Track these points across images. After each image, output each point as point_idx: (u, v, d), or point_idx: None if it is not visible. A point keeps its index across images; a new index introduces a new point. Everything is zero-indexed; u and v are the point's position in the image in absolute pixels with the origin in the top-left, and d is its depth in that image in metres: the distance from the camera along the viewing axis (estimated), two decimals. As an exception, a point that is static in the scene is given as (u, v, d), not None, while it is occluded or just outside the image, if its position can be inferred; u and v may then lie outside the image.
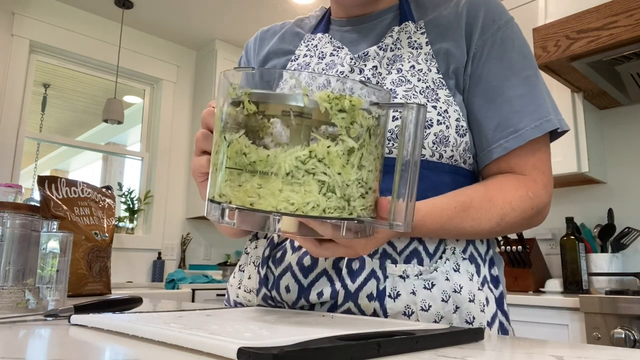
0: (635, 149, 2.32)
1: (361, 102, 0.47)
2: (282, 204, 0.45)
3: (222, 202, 0.48)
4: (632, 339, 1.58)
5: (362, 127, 0.47)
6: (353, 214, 0.47)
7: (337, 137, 0.46)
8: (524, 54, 0.74)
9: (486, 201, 0.66)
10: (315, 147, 0.46)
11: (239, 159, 0.47)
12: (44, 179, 1.31)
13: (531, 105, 0.70)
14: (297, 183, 0.45)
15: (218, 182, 0.49)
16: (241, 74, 0.51)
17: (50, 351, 0.44)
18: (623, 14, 1.77)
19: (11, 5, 3.21)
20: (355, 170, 0.47)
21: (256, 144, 0.46)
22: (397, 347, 0.40)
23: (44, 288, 0.80)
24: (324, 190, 0.46)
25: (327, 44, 0.81)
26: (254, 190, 0.46)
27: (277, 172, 0.45)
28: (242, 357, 0.34)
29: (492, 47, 0.73)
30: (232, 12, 3.51)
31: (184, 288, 3.07)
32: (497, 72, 0.72)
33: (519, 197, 0.67)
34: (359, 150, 0.47)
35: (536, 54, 1.98)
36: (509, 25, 0.75)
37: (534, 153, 0.70)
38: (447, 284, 0.66)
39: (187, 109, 4.02)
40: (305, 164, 0.45)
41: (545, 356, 0.40)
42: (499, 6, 0.76)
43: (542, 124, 0.69)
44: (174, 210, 3.81)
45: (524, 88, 0.71)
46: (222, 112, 0.50)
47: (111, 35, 3.59)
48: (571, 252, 2.16)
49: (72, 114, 4.77)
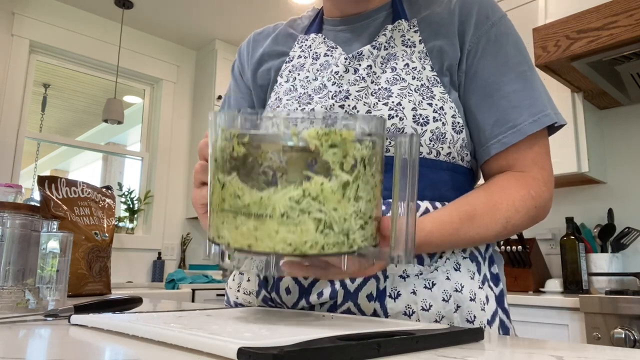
0: (635, 149, 2.32)
1: (352, 135, 0.46)
2: (279, 245, 0.45)
3: (221, 244, 0.48)
4: (632, 339, 1.58)
5: (355, 159, 0.46)
6: (353, 247, 0.47)
7: (331, 173, 0.45)
8: (519, 49, 0.74)
9: (490, 207, 0.65)
10: (309, 186, 0.45)
11: (233, 202, 0.47)
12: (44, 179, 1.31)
13: (528, 99, 0.70)
14: (293, 223, 0.45)
15: (216, 224, 0.49)
16: (228, 115, 0.50)
17: (50, 351, 0.44)
18: (623, 14, 1.77)
19: (11, 5, 3.21)
20: (352, 203, 0.46)
21: (249, 185, 0.46)
22: (397, 347, 0.40)
23: (44, 288, 0.80)
24: (321, 227, 0.45)
25: (321, 44, 0.81)
26: (250, 233, 0.46)
27: (271, 214, 0.45)
28: (242, 357, 0.34)
29: (487, 43, 0.73)
30: (232, 12, 3.51)
31: (184, 288, 3.07)
32: (493, 68, 0.72)
33: (521, 197, 0.66)
34: (354, 183, 0.46)
35: (536, 54, 1.98)
36: (503, 21, 0.74)
37: (533, 147, 0.70)
38: (447, 283, 0.66)
39: (187, 109, 4.02)
40: (300, 204, 0.45)
41: (545, 356, 0.40)
42: (492, 2, 0.76)
43: (541, 118, 0.69)
44: (174, 210, 3.81)
45: (521, 83, 0.71)
46: (214, 152, 0.49)
47: (111, 35, 3.59)
48: (571, 252, 2.16)
49: (72, 114, 4.77)
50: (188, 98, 4.04)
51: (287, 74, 0.81)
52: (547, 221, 2.48)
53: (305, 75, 0.78)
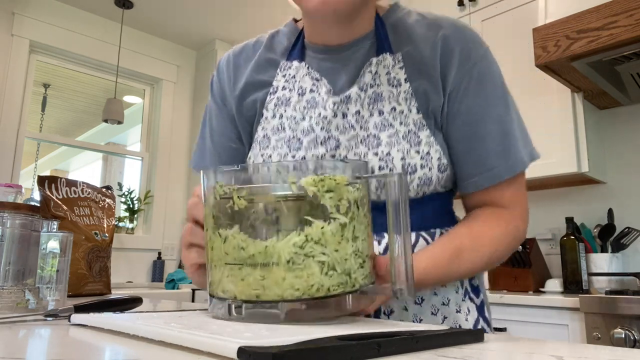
0: (635, 149, 2.32)
1: (345, 179, 0.50)
2: (287, 292, 0.47)
3: (227, 299, 0.49)
4: (632, 339, 1.58)
5: (349, 202, 0.50)
6: (356, 286, 0.50)
7: (329, 216, 0.48)
8: (497, 87, 0.75)
9: (475, 242, 0.69)
10: (310, 231, 0.48)
11: (237, 254, 0.48)
12: (44, 179, 1.31)
13: (502, 146, 0.72)
14: (299, 268, 0.47)
15: (219, 279, 0.50)
16: (224, 171, 0.51)
17: (50, 351, 0.44)
18: (623, 14, 1.77)
19: (11, 5, 3.21)
20: (350, 244, 0.49)
21: (252, 237, 0.48)
22: (397, 347, 0.40)
23: (44, 288, 0.80)
24: (325, 269, 0.48)
25: (305, 76, 0.78)
26: (257, 283, 0.47)
27: (277, 262, 0.47)
28: (242, 356, 0.34)
29: (469, 83, 0.73)
30: (232, 12, 3.51)
31: (184, 288, 3.07)
32: (473, 110, 0.73)
33: (501, 233, 0.71)
34: (350, 224, 0.49)
35: (536, 54, 1.98)
36: (485, 59, 0.74)
37: (510, 187, 0.73)
38: (435, 298, 0.73)
39: (187, 109, 4.02)
40: (304, 249, 0.47)
41: (545, 356, 0.40)
42: (474, 40, 0.75)
43: (514, 164, 0.72)
44: (174, 210, 3.81)
45: (498, 126, 0.72)
46: (211, 208, 0.51)
47: (111, 35, 3.59)
48: (571, 252, 2.16)
49: (72, 114, 4.77)
50: (188, 98, 4.04)
51: (273, 108, 0.79)
52: (547, 221, 2.49)
53: (292, 114, 0.77)
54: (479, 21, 2.50)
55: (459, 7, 2.59)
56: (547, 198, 2.50)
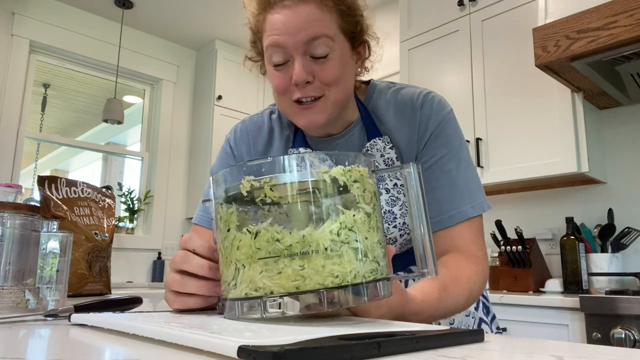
0: (635, 149, 2.32)
1: (366, 171, 0.52)
2: (328, 279, 0.47)
3: (262, 296, 0.48)
4: (632, 339, 1.58)
5: (371, 193, 0.52)
6: (383, 274, 0.51)
7: (356, 206, 0.50)
8: (453, 147, 0.84)
9: (455, 280, 0.74)
10: (344, 219, 0.49)
11: (272, 247, 0.48)
12: (44, 179, 1.31)
13: (452, 201, 0.82)
14: (337, 255, 0.48)
15: (250, 277, 0.49)
16: (253, 165, 0.51)
17: (50, 351, 0.44)
18: (623, 14, 1.77)
19: (11, 5, 3.21)
20: (375, 233, 0.51)
21: (286, 228, 0.48)
22: (398, 347, 0.40)
23: (44, 288, 0.80)
24: (359, 256, 0.49)
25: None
26: (296, 274, 0.47)
27: (316, 249, 0.47)
28: (243, 355, 0.34)
29: (429, 140, 0.85)
30: (232, 12, 3.51)
31: (184, 288, 3.06)
32: (431, 167, 0.84)
33: (473, 272, 0.77)
34: (373, 214, 0.51)
35: (536, 54, 1.98)
36: (446, 120, 0.85)
37: (470, 230, 0.81)
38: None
39: (187, 109, 4.02)
40: (340, 236, 0.48)
41: (545, 356, 0.40)
42: (438, 109, 0.85)
43: (455, 214, 0.81)
44: (174, 210, 3.81)
45: (447, 179, 0.83)
46: (232, 209, 0.51)
47: (111, 35, 3.59)
48: (571, 252, 2.16)
49: (72, 114, 4.77)
50: (188, 98, 4.04)
51: None
52: (547, 221, 2.49)
53: None
54: (479, 21, 2.50)
55: (459, 7, 2.59)
56: (547, 198, 2.50)
